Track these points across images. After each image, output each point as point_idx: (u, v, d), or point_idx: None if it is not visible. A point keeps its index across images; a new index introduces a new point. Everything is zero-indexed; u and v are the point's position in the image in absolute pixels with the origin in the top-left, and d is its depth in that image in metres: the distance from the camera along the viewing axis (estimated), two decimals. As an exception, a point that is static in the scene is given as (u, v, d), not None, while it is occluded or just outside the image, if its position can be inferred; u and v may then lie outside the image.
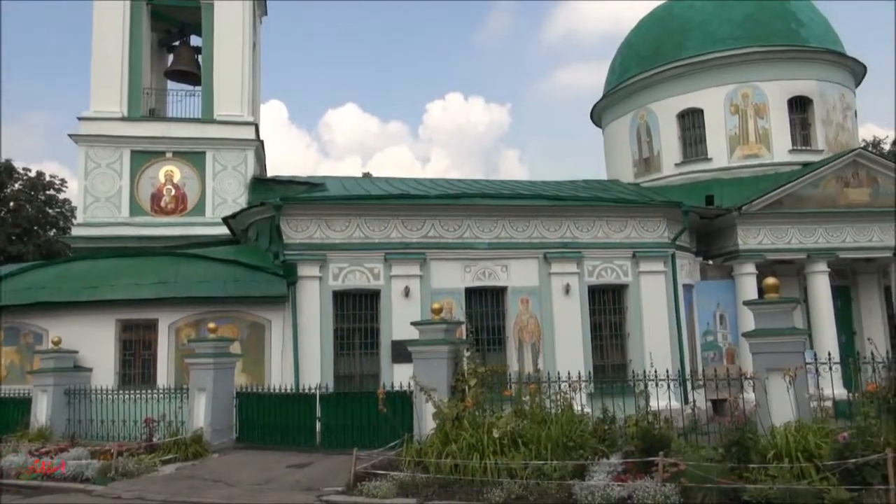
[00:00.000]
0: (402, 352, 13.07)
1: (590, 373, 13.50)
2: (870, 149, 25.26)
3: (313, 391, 12.54)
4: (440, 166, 76.27)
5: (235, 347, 13.98)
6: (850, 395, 12.28)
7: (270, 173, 22.00)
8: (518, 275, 16.22)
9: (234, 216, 16.69)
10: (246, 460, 11.23)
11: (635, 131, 22.91)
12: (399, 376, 13.02)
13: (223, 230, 17.72)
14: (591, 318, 16.51)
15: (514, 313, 16.15)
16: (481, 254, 16.07)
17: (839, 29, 22.77)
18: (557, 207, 16.66)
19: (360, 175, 25.41)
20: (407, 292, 15.36)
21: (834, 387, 12.38)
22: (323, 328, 14.95)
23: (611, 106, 24.39)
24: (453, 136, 77.73)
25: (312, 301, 14.97)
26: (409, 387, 10.43)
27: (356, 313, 15.51)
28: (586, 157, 79.40)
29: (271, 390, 13.21)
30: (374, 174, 25.59)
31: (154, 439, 11.46)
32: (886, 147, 34.86)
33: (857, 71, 22.48)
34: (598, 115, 25.83)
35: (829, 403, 10.57)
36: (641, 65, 22.74)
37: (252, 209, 16.22)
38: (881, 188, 18.50)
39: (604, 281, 16.71)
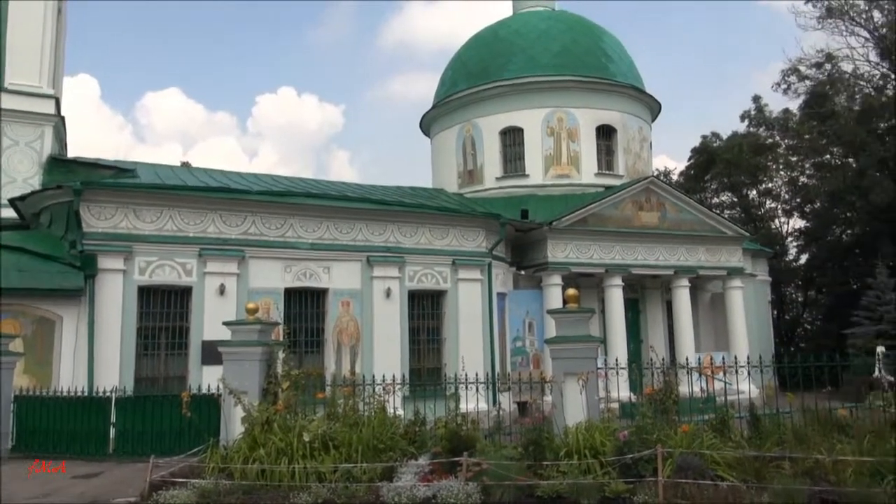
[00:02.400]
0: (212, 353, 12.44)
1: (404, 376, 13.77)
2: (661, 178, 28.38)
3: (108, 394, 11.54)
4: (268, 162, 73.78)
5: (17, 345, 12.46)
6: (634, 397, 13.70)
7: (73, 154, 19.90)
8: (340, 277, 16.16)
9: (23, 198, 14.89)
10: (23, 471, 10.05)
11: (461, 144, 23.83)
12: (209, 378, 12.34)
13: (10, 213, 15.72)
14: (410, 322, 16.88)
15: (334, 315, 16.05)
16: (303, 254, 15.79)
17: (641, 69, 25.41)
18: (383, 212, 16.83)
19: (178, 164, 23.84)
20: (222, 290, 14.67)
21: (620, 390, 13.72)
22: (125, 326, 13.81)
23: (439, 117, 25.16)
24: (284, 132, 75.59)
25: (114, 296, 13.77)
26: (219, 390, 9.96)
27: (164, 311, 14.53)
28: (415, 165, 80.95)
29: (59, 393, 11.95)
30: (196, 164, 24.15)
31: None
32: (675, 178, 39.36)
33: (653, 107, 25.24)
34: (428, 125, 26.54)
35: (615, 405, 11.71)
36: (469, 80, 23.74)
37: (46, 191, 14.60)
38: (668, 213, 20.86)
39: (424, 286, 17.16)
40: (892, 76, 30.32)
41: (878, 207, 25.40)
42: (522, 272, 19.90)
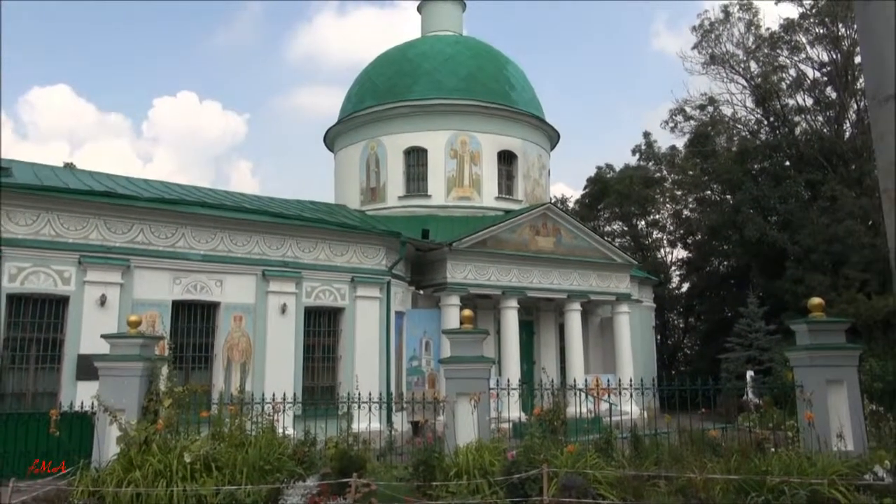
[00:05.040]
0: (89, 368, 11.66)
1: (295, 394, 13.43)
2: (557, 205, 29.46)
3: (-35, 412, 10.55)
4: (164, 168, 70.43)
5: None
6: (526, 417, 13.99)
7: (-63, 147, 18.25)
8: (233, 291, 15.61)
9: None
10: None
11: (365, 161, 23.76)
12: (84, 395, 11.57)
13: None
14: (306, 339, 16.52)
15: (225, 330, 15.45)
16: (195, 266, 15.15)
17: (541, 99, 26.38)
18: (281, 225, 16.46)
19: (62, 165, 22.35)
20: (103, 301, 13.80)
21: (511, 410, 13.99)
22: (-12, 337, 12.70)
23: (344, 133, 25.02)
24: (183, 138, 72.43)
25: (-23, 304, 12.66)
26: (93, 407, 9.34)
27: (36, 321, 13.48)
28: (319, 179, 79.87)
29: None
30: (85, 167, 22.71)
31: None
32: (571, 205, 40.95)
33: (552, 136, 26.21)
34: (332, 140, 26.31)
35: (506, 425, 11.93)
36: (376, 98, 23.80)
37: None
38: (563, 239, 21.62)
39: (321, 303, 16.87)
40: (765, 122, 33.07)
41: (750, 242, 27.44)
42: (421, 292, 19.98)
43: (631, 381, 11.25)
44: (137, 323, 9.48)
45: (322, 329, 17.05)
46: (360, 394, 10.49)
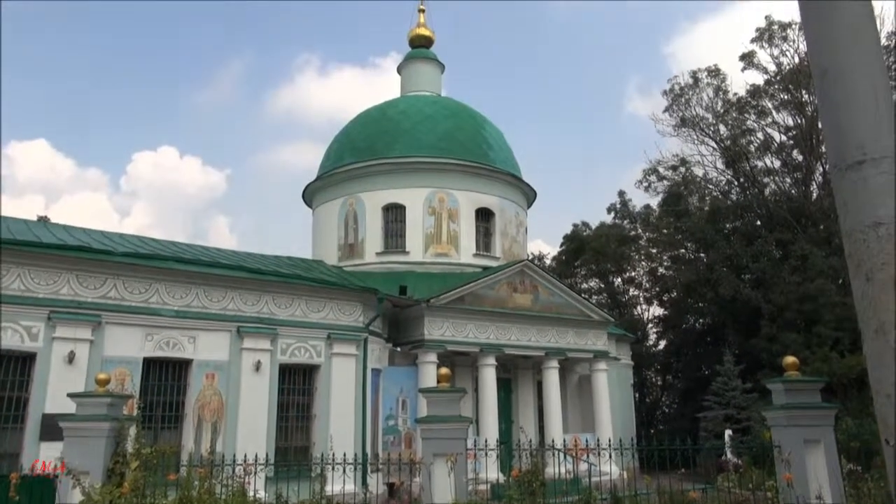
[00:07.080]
0: (54, 428, 11.25)
1: (267, 455, 13.05)
2: (535, 262, 29.66)
3: (-81, 475, 10.07)
4: (142, 222, 69.81)
5: None
6: (504, 478, 13.72)
7: None
8: (206, 347, 15.32)
9: None
10: None
11: (343, 217, 23.86)
12: (48, 456, 11.16)
13: None
14: (280, 397, 16.19)
15: (197, 389, 15.09)
16: (167, 322, 14.89)
17: (518, 158, 26.89)
18: (256, 281, 16.31)
19: (35, 218, 22.11)
20: (71, 358, 13.44)
21: (490, 471, 13.70)
22: (-51, 396, 12.26)
23: (323, 189, 25.18)
24: (161, 193, 72.09)
25: (-61, 361, 12.26)
26: (55, 469, 8.97)
27: (0, 379, 13.06)
28: (297, 235, 79.75)
29: None
30: (61, 220, 22.50)
31: None
32: (548, 262, 41.26)
33: (529, 194, 26.61)
34: (311, 196, 26.44)
35: (484, 486, 11.68)
36: (355, 155, 24.09)
37: None
38: (540, 296, 21.68)
39: (296, 360, 16.61)
40: (736, 183, 33.95)
41: (724, 299, 27.75)
42: (398, 349, 19.77)
43: (610, 440, 11.12)
44: (106, 381, 9.21)
45: (297, 387, 16.73)
46: (334, 454, 10.22)
